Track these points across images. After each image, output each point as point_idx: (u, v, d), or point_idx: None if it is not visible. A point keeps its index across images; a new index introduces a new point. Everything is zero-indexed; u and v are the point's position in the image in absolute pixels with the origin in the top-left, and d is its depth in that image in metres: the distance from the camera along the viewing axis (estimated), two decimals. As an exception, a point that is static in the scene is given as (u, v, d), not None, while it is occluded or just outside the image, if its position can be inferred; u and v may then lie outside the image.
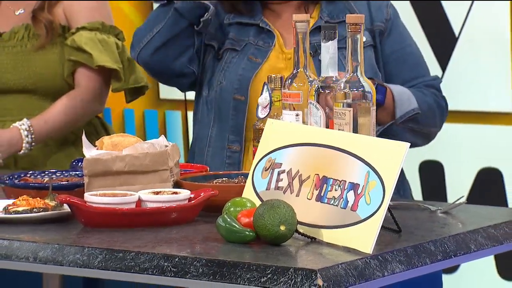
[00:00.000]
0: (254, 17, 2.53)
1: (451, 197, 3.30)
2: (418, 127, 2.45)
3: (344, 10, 2.47)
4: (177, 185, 2.07)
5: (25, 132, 2.65)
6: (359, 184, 1.80)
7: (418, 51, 2.57)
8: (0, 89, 2.71)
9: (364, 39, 2.20)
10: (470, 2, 3.30)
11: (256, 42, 2.50)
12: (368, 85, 1.97)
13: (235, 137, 2.47)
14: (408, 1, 3.33)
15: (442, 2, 3.33)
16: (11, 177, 2.17)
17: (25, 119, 2.66)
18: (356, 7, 2.51)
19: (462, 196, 2.18)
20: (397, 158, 1.77)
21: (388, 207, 1.78)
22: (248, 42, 2.50)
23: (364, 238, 1.75)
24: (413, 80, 2.51)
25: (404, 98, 2.41)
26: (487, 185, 3.32)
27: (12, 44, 2.71)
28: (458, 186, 3.30)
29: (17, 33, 2.71)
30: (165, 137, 2.13)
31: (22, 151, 2.66)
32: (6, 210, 1.99)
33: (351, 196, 1.80)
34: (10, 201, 2.02)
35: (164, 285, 1.75)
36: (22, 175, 2.20)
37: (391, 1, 2.57)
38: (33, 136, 2.65)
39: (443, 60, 3.32)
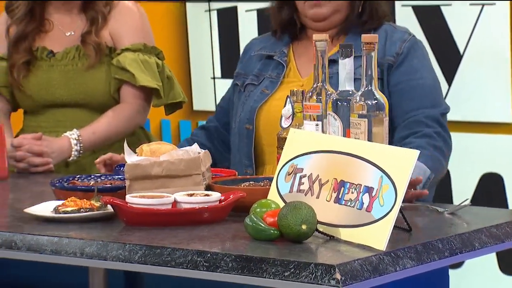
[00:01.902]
0: (281, 47, 2.50)
1: (457, 200, 3.28)
2: (433, 182, 2.31)
3: None
4: (208, 188, 2.07)
5: (74, 141, 2.66)
6: (373, 188, 1.79)
7: (431, 85, 2.41)
8: (53, 103, 2.73)
9: None
10: (474, 23, 3.28)
11: (271, 75, 2.49)
12: (381, 98, 1.96)
13: (249, 162, 2.47)
14: (417, 22, 3.31)
15: (449, 23, 3.32)
16: (60, 181, 2.18)
17: (75, 130, 2.67)
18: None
19: (467, 199, 2.17)
20: (408, 164, 1.76)
21: (400, 208, 1.77)
22: (266, 76, 2.49)
23: (378, 236, 1.74)
24: (413, 111, 2.36)
25: (418, 172, 2.20)
26: (489, 188, 3.30)
27: (65, 63, 2.72)
28: (463, 190, 3.28)
29: (69, 53, 2.72)
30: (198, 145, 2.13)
31: (71, 158, 2.67)
32: (56, 210, 1.99)
33: (366, 198, 1.79)
34: (60, 202, 2.02)
35: (197, 278, 1.74)
36: (71, 179, 2.21)
37: (414, 37, 2.44)
38: (81, 144, 2.67)
39: (449, 75, 3.30)
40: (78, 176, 2.24)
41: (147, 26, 2.77)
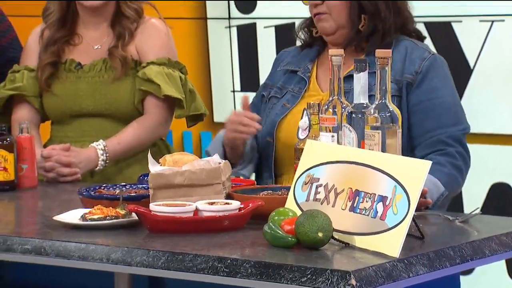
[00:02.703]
0: (306, 62, 2.49)
1: (467, 209, 3.26)
2: (447, 198, 2.29)
3: None
4: (229, 196, 2.07)
5: (101, 151, 2.67)
6: (387, 197, 1.78)
7: (451, 102, 2.35)
8: (80, 113, 2.74)
9: None
10: (484, 39, 3.27)
11: (293, 89, 2.47)
12: (395, 111, 1.95)
13: (269, 174, 2.47)
14: (429, 38, 3.31)
15: (459, 39, 3.31)
16: (87, 190, 2.18)
17: (101, 140, 2.68)
18: (393, 59, 2.33)
19: (477, 208, 2.15)
20: (420, 174, 1.75)
21: (413, 217, 1.76)
22: (288, 90, 2.48)
23: (391, 243, 1.73)
24: (435, 130, 2.31)
25: (431, 187, 2.18)
26: (499, 198, 3.28)
27: (92, 75, 2.73)
28: (473, 199, 3.26)
29: (96, 66, 2.74)
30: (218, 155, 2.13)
31: (97, 168, 2.68)
32: (83, 217, 1.99)
33: (380, 207, 1.78)
34: (87, 210, 2.03)
35: (218, 283, 1.74)
36: (97, 188, 2.21)
37: (434, 55, 2.38)
38: (107, 154, 2.67)
39: (460, 89, 3.28)
40: (104, 185, 2.24)
41: (172, 43, 2.79)
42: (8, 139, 2.46)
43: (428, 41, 3.27)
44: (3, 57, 2.92)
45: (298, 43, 2.62)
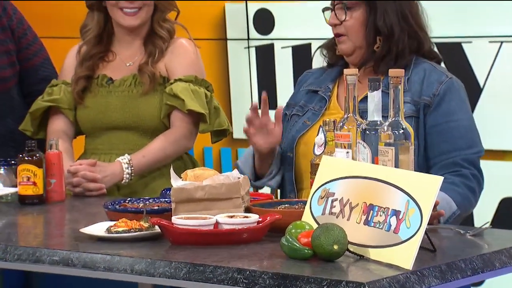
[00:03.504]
0: (327, 82, 2.48)
1: (478, 223, 3.23)
2: (459, 217, 2.28)
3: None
4: (247, 210, 2.06)
5: (126, 165, 2.68)
6: (400, 211, 1.77)
7: (467, 125, 2.33)
8: (109, 126, 2.75)
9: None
10: (493, 59, 3.26)
11: (314, 107, 2.47)
12: (408, 128, 1.95)
13: (291, 187, 2.46)
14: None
15: (469, 59, 3.30)
16: (113, 203, 2.19)
17: (126, 154, 2.69)
18: (411, 80, 2.34)
19: (488, 222, 2.14)
20: (432, 189, 1.74)
21: (425, 230, 1.75)
22: (309, 108, 2.48)
23: (405, 256, 1.72)
24: (451, 152, 2.29)
25: (444, 204, 2.17)
26: (508, 212, 3.26)
27: (121, 89, 2.75)
28: (483, 213, 3.24)
29: (126, 81, 2.76)
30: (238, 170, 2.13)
31: (123, 181, 2.69)
32: (108, 230, 1.99)
33: (393, 221, 1.77)
34: (112, 223, 2.03)
35: (237, 294, 1.74)
36: (122, 201, 2.21)
37: (451, 79, 2.35)
38: (132, 168, 2.68)
39: (471, 107, 3.27)
40: (129, 199, 2.24)
41: (200, 62, 2.81)
42: (37, 155, 2.47)
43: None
44: (35, 75, 2.94)
45: (315, 63, 2.62)
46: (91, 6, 2.77)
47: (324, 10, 2.43)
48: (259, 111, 2.43)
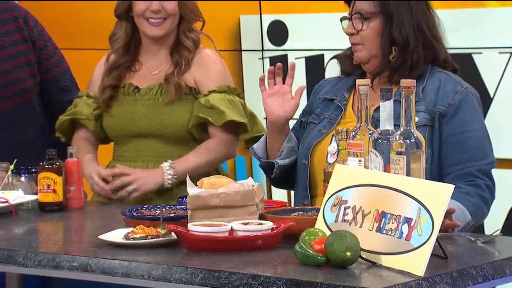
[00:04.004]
0: (343, 91, 2.47)
1: (488, 230, 3.21)
2: (472, 227, 2.26)
3: (417, 94, 2.27)
4: (262, 217, 2.06)
5: (167, 168, 2.67)
6: (412, 219, 1.76)
7: (481, 136, 2.32)
8: (135, 134, 2.75)
9: (416, 119, 2.13)
10: (503, 70, 3.24)
11: (330, 116, 2.46)
12: (419, 137, 1.94)
13: (305, 193, 2.45)
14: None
15: (480, 69, 3.28)
16: (130, 210, 2.19)
17: (169, 161, 2.68)
18: (426, 90, 2.32)
19: (498, 229, 2.12)
20: (443, 197, 1.73)
21: (436, 238, 1.74)
22: (325, 116, 2.47)
23: (416, 263, 1.71)
24: (466, 163, 2.28)
25: (458, 214, 2.14)
26: (518, 219, 3.24)
27: (147, 98, 2.76)
28: (493, 221, 3.22)
29: (152, 90, 2.76)
30: (252, 178, 2.13)
31: (165, 185, 2.67)
32: (126, 237, 2.00)
33: (405, 228, 1.76)
34: (129, 230, 2.03)
35: (252, 299, 1.73)
36: (139, 208, 2.21)
37: (466, 89, 2.33)
38: (174, 171, 2.68)
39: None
40: (146, 206, 2.24)
41: (227, 71, 2.81)
42: (57, 163, 2.48)
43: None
44: (56, 86, 2.96)
45: (327, 73, 2.61)
46: (119, 16, 2.78)
47: (341, 19, 2.43)
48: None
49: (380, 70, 2.39)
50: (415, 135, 1.93)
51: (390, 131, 1.98)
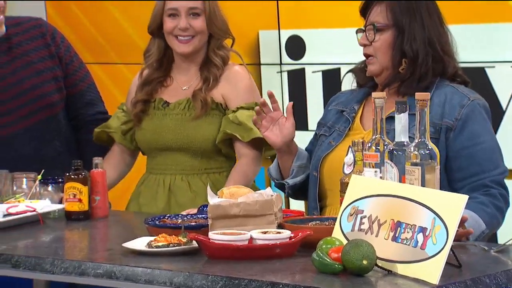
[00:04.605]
0: (353, 103, 2.47)
1: (502, 239, 3.18)
2: (486, 235, 2.25)
3: None
4: (280, 226, 2.06)
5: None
6: (427, 228, 1.75)
7: (491, 146, 2.30)
8: (164, 147, 2.76)
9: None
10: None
11: (339, 128, 2.46)
12: (433, 148, 1.93)
13: (314, 204, 2.45)
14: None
15: (492, 82, 3.27)
16: (153, 219, 2.19)
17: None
18: (432, 103, 2.29)
19: (511, 239, 2.11)
20: (457, 207, 1.73)
21: (451, 247, 1.73)
22: (335, 129, 2.47)
23: (431, 271, 1.70)
24: (479, 174, 2.27)
25: (473, 223, 2.13)
26: (531, 229, 3.20)
27: (176, 112, 2.77)
28: (507, 230, 3.19)
29: (180, 104, 2.77)
30: (271, 188, 2.13)
31: None
32: (149, 245, 2.00)
33: (420, 237, 1.76)
34: (152, 238, 2.03)
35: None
36: (161, 217, 2.22)
37: (473, 101, 2.30)
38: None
39: (493, 129, 3.23)
40: (168, 215, 2.25)
41: (256, 87, 2.81)
42: (83, 173, 2.49)
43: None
44: (81, 100, 2.98)
45: (344, 87, 2.62)
46: (152, 33, 2.79)
47: (357, 31, 2.43)
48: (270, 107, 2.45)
49: (389, 81, 2.39)
50: (430, 147, 1.93)
51: (405, 143, 1.98)
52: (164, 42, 2.78)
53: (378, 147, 2.03)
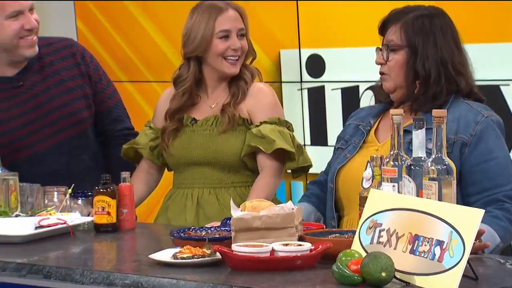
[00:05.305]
0: (370, 118, 2.47)
1: (516, 252, 3.15)
2: (500, 249, 2.24)
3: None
4: (301, 239, 2.05)
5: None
6: (444, 241, 1.74)
7: (505, 162, 2.29)
8: (191, 162, 2.75)
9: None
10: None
11: (355, 141, 2.46)
12: (450, 164, 1.92)
13: (331, 214, 2.44)
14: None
15: (507, 100, 3.25)
16: (178, 232, 2.20)
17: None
18: (447, 119, 2.25)
19: (527, 252, 2.09)
20: (474, 221, 1.72)
21: (467, 259, 1.71)
22: (351, 142, 2.47)
23: (448, 283, 1.69)
24: (493, 189, 2.26)
25: (488, 236, 2.12)
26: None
27: (203, 128, 2.76)
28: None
29: (208, 121, 2.77)
30: (292, 202, 2.13)
31: None
32: (174, 256, 2.00)
33: (437, 250, 1.75)
34: (177, 249, 2.03)
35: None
36: (186, 230, 2.22)
37: (487, 118, 2.30)
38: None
39: (508, 147, 3.22)
40: (192, 227, 2.25)
41: (279, 103, 2.81)
42: (111, 187, 2.50)
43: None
44: (109, 116, 2.99)
45: (362, 103, 2.62)
46: (190, 57, 2.74)
47: (376, 50, 2.43)
48: None
49: (404, 100, 2.39)
50: (446, 162, 1.92)
51: (423, 158, 1.97)
52: (199, 65, 2.76)
53: (396, 162, 2.03)
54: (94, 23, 4.12)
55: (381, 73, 2.42)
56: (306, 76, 3.73)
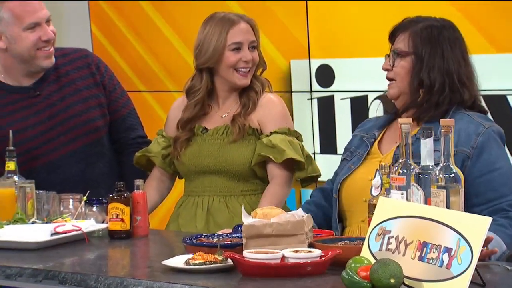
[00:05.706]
0: (374, 130, 2.47)
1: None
2: (506, 256, 2.21)
3: (435, 133, 2.20)
4: (311, 245, 2.05)
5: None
6: (452, 248, 1.74)
7: (508, 172, 2.28)
8: (202, 170, 2.76)
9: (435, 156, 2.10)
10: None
11: (359, 152, 2.46)
12: (458, 172, 1.92)
13: (335, 225, 2.44)
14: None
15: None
16: (190, 238, 2.20)
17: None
18: None
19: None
20: (482, 229, 1.71)
21: (475, 266, 1.71)
22: (356, 153, 2.47)
23: (456, 290, 1.69)
24: (498, 199, 2.25)
25: (495, 245, 2.11)
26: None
27: (214, 137, 2.77)
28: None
29: (218, 130, 2.77)
30: (302, 209, 2.13)
31: None
32: (187, 262, 2.00)
33: (446, 257, 1.74)
34: (190, 256, 2.04)
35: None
36: (199, 237, 2.22)
37: (488, 129, 2.28)
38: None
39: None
40: (205, 234, 2.25)
41: (288, 114, 2.80)
42: (125, 194, 2.51)
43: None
44: (123, 125, 3.01)
45: (371, 113, 2.61)
46: (203, 69, 2.74)
47: (385, 57, 2.43)
48: None
49: (407, 106, 2.39)
50: (454, 170, 1.92)
51: (431, 166, 1.97)
52: (211, 76, 2.76)
53: (405, 171, 2.02)
54: (109, 28, 4.13)
55: (388, 79, 2.42)
56: (316, 86, 3.74)
